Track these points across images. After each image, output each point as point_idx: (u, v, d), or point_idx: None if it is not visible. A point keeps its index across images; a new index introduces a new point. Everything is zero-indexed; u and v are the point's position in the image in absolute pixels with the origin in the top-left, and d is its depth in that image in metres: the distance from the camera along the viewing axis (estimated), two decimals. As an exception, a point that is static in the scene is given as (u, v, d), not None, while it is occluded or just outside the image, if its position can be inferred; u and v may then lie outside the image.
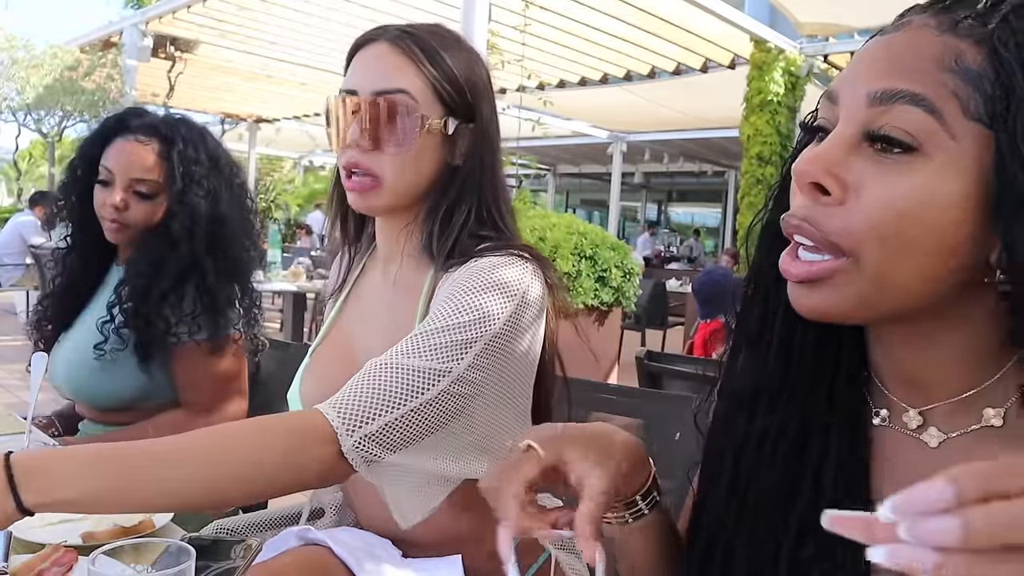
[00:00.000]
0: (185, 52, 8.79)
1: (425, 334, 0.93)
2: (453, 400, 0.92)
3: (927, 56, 0.55)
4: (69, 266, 1.77)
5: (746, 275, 0.73)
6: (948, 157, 0.54)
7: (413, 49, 1.02)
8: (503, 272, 0.99)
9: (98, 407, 1.68)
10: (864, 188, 0.56)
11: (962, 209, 0.54)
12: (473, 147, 1.07)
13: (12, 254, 7.73)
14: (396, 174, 1.03)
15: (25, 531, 1.07)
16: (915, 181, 0.55)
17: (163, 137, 1.66)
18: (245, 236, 1.73)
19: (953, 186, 0.54)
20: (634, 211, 25.49)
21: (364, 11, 7.02)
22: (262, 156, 16.82)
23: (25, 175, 18.91)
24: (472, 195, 1.07)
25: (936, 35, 0.56)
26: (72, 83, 10.52)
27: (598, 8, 6.56)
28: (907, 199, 0.55)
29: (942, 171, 0.54)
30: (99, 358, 1.59)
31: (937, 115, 0.54)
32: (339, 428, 0.86)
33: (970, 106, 0.54)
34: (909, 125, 0.55)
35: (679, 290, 8.12)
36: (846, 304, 0.58)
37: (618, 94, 9.71)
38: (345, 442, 0.86)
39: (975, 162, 0.54)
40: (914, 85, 0.55)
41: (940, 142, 0.54)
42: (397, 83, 1.01)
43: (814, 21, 7.32)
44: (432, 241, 1.06)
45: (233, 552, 1.06)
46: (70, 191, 1.73)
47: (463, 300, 0.95)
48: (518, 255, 1.02)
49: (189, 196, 1.63)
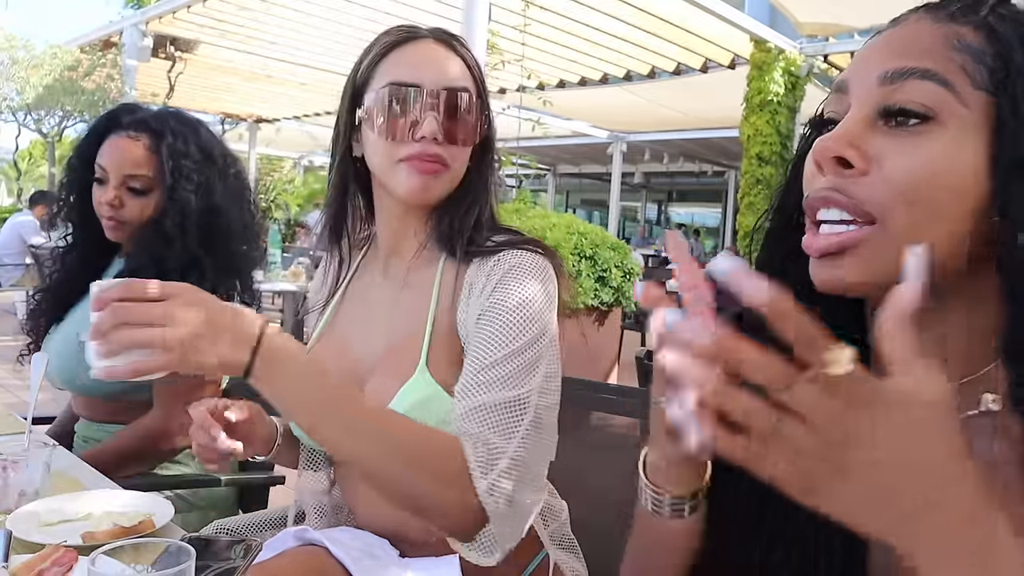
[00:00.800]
0: (185, 52, 8.78)
1: (500, 362, 0.97)
2: (538, 417, 0.98)
3: (930, 40, 0.59)
4: (68, 264, 1.77)
5: None
6: (962, 124, 0.57)
7: (463, 49, 1.12)
8: (541, 276, 1.04)
9: (90, 395, 1.67)
10: (885, 158, 0.59)
11: (976, 173, 0.57)
12: (489, 135, 1.15)
13: (12, 254, 7.73)
14: (460, 165, 1.10)
15: (25, 531, 1.07)
16: (935, 148, 0.57)
17: (153, 131, 1.66)
18: (244, 228, 1.72)
19: (969, 151, 0.57)
20: (634, 211, 25.48)
21: (364, 11, 7.01)
22: (262, 156, 16.80)
23: (25, 175, 18.90)
24: (489, 185, 1.14)
25: (934, 24, 0.60)
26: (72, 83, 10.52)
27: (598, 8, 6.55)
28: (929, 165, 0.57)
29: (960, 137, 0.57)
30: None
31: (949, 86, 0.58)
32: (475, 470, 0.92)
33: (977, 77, 0.57)
34: (923, 97, 0.58)
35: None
36: (873, 273, 0.59)
37: (618, 94, 9.70)
38: (480, 484, 0.92)
39: (984, 128, 0.57)
40: (924, 62, 0.58)
41: (954, 110, 0.57)
42: (461, 81, 1.08)
43: (814, 21, 7.32)
44: (452, 232, 1.10)
45: (233, 552, 1.06)
46: (70, 191, 1.74)
47: (520, 316, 0.99)
48: (540, 252, 1.07)
49: (178, 190, 1.63)
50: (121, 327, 0.77)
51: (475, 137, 1.09)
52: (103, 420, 1.67)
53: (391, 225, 1.15)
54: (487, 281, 1.04)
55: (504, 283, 1.03)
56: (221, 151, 1.74)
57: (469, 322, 1.04)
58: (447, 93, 1.06)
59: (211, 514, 1.63)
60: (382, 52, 1.09)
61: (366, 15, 7.08)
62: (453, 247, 1.09)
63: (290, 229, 14.52)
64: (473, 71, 1.11)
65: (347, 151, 1.15)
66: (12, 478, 1.16)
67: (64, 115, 11.94)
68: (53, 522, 1.12)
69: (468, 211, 1.11)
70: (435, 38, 1.10)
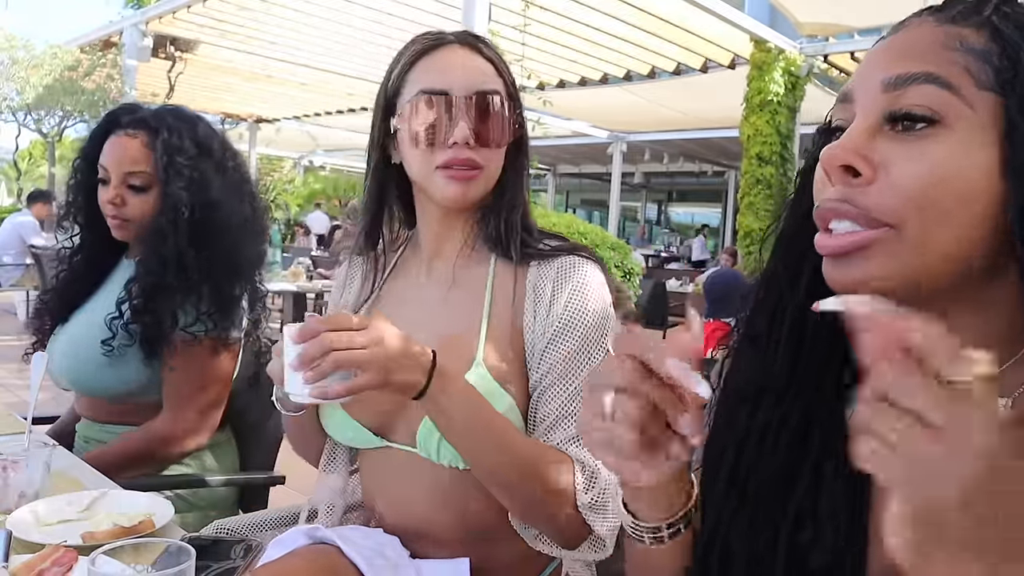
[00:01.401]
0: (185, 52, 8.78)
1: (578, 392, 1.03)
2: None
3: (933, 43, 0.59)
4: (74, 265, 1.77)
5: (759, 280, 0.74)
6: (969, 126, 0.57)
7: (490, 52, 1.12)
8: (603, 289, 1.10)
9: (93, 395, 1.67)
10: (893, 165, 0.58)
11: (987, 175, 0.56)
12: (522, 134, 1.15)
13: (12, 254, 7.73)
14: (496, 167, 1.11)
15: (25, 531, 1.07)
16: (942, 151, 0.57)
17: (150, 128, 1.67)
18: (244, 223, 1.71)
19: (978, 153, 0.57)
20: (634, 211, 25.49)
21: (365, 11, 7.01)
22: (262, 156, 16.80)
23: (25, 175, 18.92)
24: (525, 180, 1.16)
25: (936, 26, 0.59)
26: (72, 83, 10.52)
27: (598, 8, 6.55)
28: (937, 168, 0.57)
29: (967, 139, 0.57)
30: (107, 354, 1.58)
31: (953, 89, 0.57)
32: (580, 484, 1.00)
33: (982, 77, 0.57)
34: (928, 100, 0.57)
35: (679, 290, 8.13)
36: (887, 274, 0.59)
37: (618, 94, 9.71)
38: (582, 499, 1.00)
39: (993, 129, 0.56)
40: (927, 66, 0.58)
41: (960, 112, 0.57)
42: (490, 84, 1.09)
43: (814, 21, 7.32)
44: (502, 234, 1.12)
45: (233, 552, 1.06)
46: (77, 193, 1.74)
47: (595, 336, 1.06)
48: (592, 259, 1.12)
49: (172, 186, 1.63)
50: (329, 354, 0.88)
51: (508, 137, 1.11)
52: (106, 421, 1.67)
53: (433, 228, 1.17)
54: (554, 291, 1.07)
55: (574, 300, 1.06)
56: (220, 145, 1.73)
57: (538, 329, 1.07)
58: (477, 96, 1.07)
59: (211, 514, 1.63)
60: (410, 61, 1.11)
61: (366, 15, 7.09)
62: (506, 249, 1.12)
63: (290, 229, 14.54)
64: (502, 72, 1.12)
65: (382, 159, 1.17)
66: (12, 478, 1.16)
67: (64, 115, 11.95)
68: (53, 522, 1.12)
69: (511, 211, 1.13)
70: (460, 42, 1.11)
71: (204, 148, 1.69)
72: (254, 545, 1.08)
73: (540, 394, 1.06)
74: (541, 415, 1.05)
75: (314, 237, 13.53)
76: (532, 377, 1.07)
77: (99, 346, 1.58)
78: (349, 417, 1.11)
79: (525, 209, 1.16)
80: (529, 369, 1.07)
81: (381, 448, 1.11)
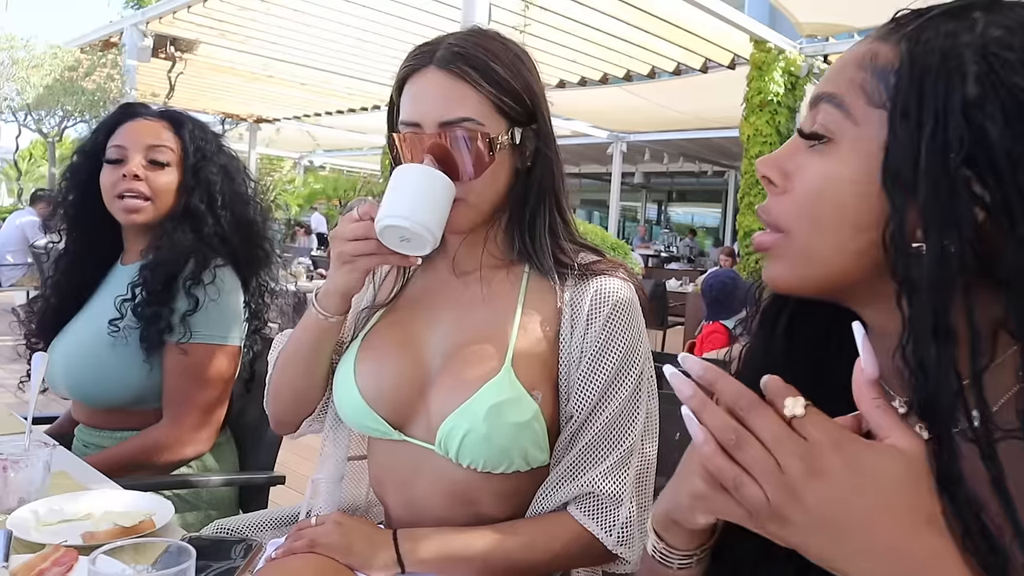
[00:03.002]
0: (185, 52, 8.78)
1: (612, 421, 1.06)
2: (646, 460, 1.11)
3: (851, 61, 0.63)
4: (62, 268, 1.75)
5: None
6: (850, 140, 0.61)
7: (467, 71, 1.02)
8: (637, 314, 1.10)
9: (94, 405, 1.66)
10: (796, 177, 0.65)
11: (864, 185, 0.59)
12: (539, 146, 1.10)
13: (14, 252, 7.72)
14: (478, 195, 1.05)
15: (25, 531, 1.07)
16: (824, 163, 0.62)
17: (171, 119, 1.72)
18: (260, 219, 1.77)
19: (855, 165, 0.60)
20: (634, 211, 25.49)
21: (364, 11, 7.02)
22: (262, 156, 16.80)
23: (25, 175, 18.91)
24: (548, 194, 1.11)
25: (870, 43, 0.63)
26: (72, 83, 10.53)
27: (598, 8, 6.56)
28: (818, 179, 0.63)
29: (846, 153, 0.61)
30: (113, 334, 1.58)
31: (844, 108, 0.62)
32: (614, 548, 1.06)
33: (874, 96, 0.60)
34: (826, 120, 0.63)
35: (679, 290, 8.12)
36: (785, 274, 0.66)
37: (618, 94, 9.71)
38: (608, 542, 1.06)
39: (877, 143, 0.59)
40: (831, 87, 0.63)
41: (845, 129, 0.61)
42: (460, 112, 1.02)
43: (814, 21, 7.32)
44: (532, 251, 1.10)
45: (233, 552, 1.06)
46: (70, 186, 1.73)
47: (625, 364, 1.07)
48: (628, 279, 1.12)
49: (203, 172, 1.67)
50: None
51: (481, 167, 1.03)
52: (104, 427, 1.66)
53: (453, 241, 1.14)
54: (590, 312, 1.07)
55: (610, 326, 1.07)
56: (229, 149, 1.79)
57: (575, 345, 1.07)
58: (442, 131, 1.02)
59: (211, 514, 1.63)
60: (399, 85, 1.08)
61: (366, 15, 7.09)
62: (539, 264, 1.10)
63: (290, 229, 14.53)
64: (484, 91, 1.03)
65: None
66: (12, 478, 1.16)
67: (64, 115, 11.96)
68: (53, 522, 1.12)
69: (533, 222, 1.10)
70: (439, 65, 1.03)
71: (219, 145, 1.75)
72: (254, 545, 1.08)
73: (576, 420, 1.06)
74: (579, 441, 1.06)
75: (315, 236, 13.55)
76: (565, 401, 1.07)
77: (101, 346, 1.58)
78: (368, 406, 1.09)
79: (552, 223, 1.11)
80: (561, 389, 1.07)
81: (397, 442, 1.10)
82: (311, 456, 1.25)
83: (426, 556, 1.01)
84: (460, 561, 1.02)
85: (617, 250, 4.52)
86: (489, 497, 1.06)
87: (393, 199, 0.98)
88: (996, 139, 0.55)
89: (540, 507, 1.08)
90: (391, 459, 1.13)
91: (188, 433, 1.61)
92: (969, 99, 0.55)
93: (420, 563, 1.01)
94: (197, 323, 1.58)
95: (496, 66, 1.04)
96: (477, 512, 1.07)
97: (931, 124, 0.56)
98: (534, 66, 1.11)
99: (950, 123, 0.56)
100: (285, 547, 1.04)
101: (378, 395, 1.08)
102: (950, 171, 0.55)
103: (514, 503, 1.08)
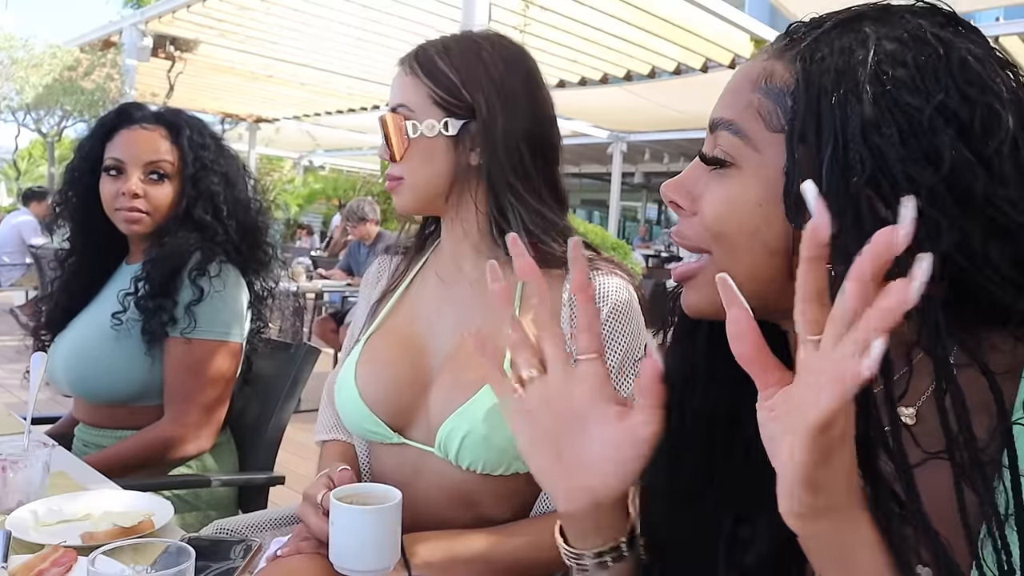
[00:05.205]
0: (185, 52, 8.77)
1: None
2: None
3: (746, 82, 0.63)
4: (70, 268, 1.76)
5: None
6: (752, 166, 0.62)
7: (414, 65, 1.14)
8: (636, 314, 1.11)
9: (96, 400, 1.66)
10: (702, 199, 0.65)
11: (767, 210, 0.60)
12: (485, 142, 1.10)
13: (11, 253, 7.72)
14: (410, 175, 1.14)
15: (25, 531, 1.07)
16: (727, 188, 0.63)
17: (168, 123, 1.69)
18: (263, 222, 1.76)
19: (756, 189, 0.61)
20: (634, 211, 25.48)
21: (364, 11, 7.01)
22: (262, 156, 16.80)
23: (25, 175, 18.93)
24: (504, 190, 1.10)
25: (764, 60, 0.63)
26: (72, 83, 10.52)
27: (598, 8, 6.55)
28: (722, 203, 0.63)
29: (749, 177, 0.62)
30: (115, 327, 1.58)
31: (742, 135, 0.62)
32: None
33: (772, 120, 0.60)
34: (727, 146, 0.63)
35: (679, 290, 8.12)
36: (704, 300, 0.66)
37: (618, 94, 9.70)
38: None
39: (778, 169, 0.59)
40: (728, 112, 0.64)
41: (747, 156, 0.62)
42: (399, 99, 1.14)
43: (814, 21, 7.32)
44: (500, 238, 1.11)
45: (233, 552, 1.06)
46: (71, 191, 1.73)
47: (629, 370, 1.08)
48: (626, 277, 1.13)
49: (204, 180, 1.66)
50: None
51: (402, 147, 1.13)
52: (104, 426, 1.66)
53: (442, 229, 1.22)
54: None
55: (608, 327, 1.08)
56: (229, 149, 1.79)
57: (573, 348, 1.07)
58: (385, 114, 1.14)
59: (211, 514, 1.63)
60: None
61: (366, 15, 7.08)
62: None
63: (290, 229, 14.53)
64: (421, 82, 1.11)
65: None
66: (11, 478, 1.16)
67: (64, 115, 11.96)
68: (52, 522, 1.12)
69: (504, 219, 1.10)
70: (404, 61, 1.16)
71: (220, 147, 1.74)
72: (254, 545, 1.08)
73: None
74: None
75: (317, 235, 13.56)
76: None
77: (104, 340, 1.58)
78: (369, 410, 1.10)
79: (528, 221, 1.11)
80: None
81: (397, 445, 1.11)
82: (311, 456, 1.25)
83: (431, 558, 1.02)
84: (464, 562, 1.02)
85: (617, 250, 4.52)
86: (490, 498, 1.07)
87: (342, 546, 0.94)
88: (894, 160, 0.54)
89: (543, 508, 1.08)
90: (392, 462, 1.14)
91: (190, 430, 1.61)
92: (866, 121, 0.55)
93: (425, 565, 1.01)
94: (201, 314, 1.59)
95: (441, 62, 1.12)
96: (478, 513, 1.08)
97: (830, 148, 0.56)
98: (503, 65, 1.12)
99: (849, 146, 0.55)
100: (292, 546, 1.04)
101: (378, 398, 1.10)
102: (853, 194, 0.55)
103: (515, 504, 1.08)
